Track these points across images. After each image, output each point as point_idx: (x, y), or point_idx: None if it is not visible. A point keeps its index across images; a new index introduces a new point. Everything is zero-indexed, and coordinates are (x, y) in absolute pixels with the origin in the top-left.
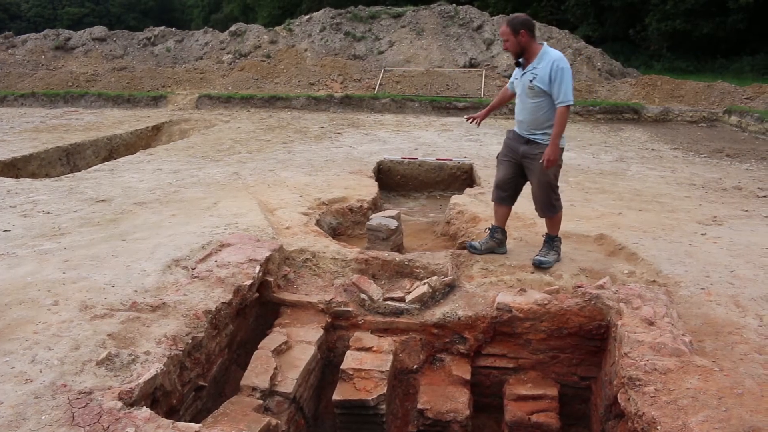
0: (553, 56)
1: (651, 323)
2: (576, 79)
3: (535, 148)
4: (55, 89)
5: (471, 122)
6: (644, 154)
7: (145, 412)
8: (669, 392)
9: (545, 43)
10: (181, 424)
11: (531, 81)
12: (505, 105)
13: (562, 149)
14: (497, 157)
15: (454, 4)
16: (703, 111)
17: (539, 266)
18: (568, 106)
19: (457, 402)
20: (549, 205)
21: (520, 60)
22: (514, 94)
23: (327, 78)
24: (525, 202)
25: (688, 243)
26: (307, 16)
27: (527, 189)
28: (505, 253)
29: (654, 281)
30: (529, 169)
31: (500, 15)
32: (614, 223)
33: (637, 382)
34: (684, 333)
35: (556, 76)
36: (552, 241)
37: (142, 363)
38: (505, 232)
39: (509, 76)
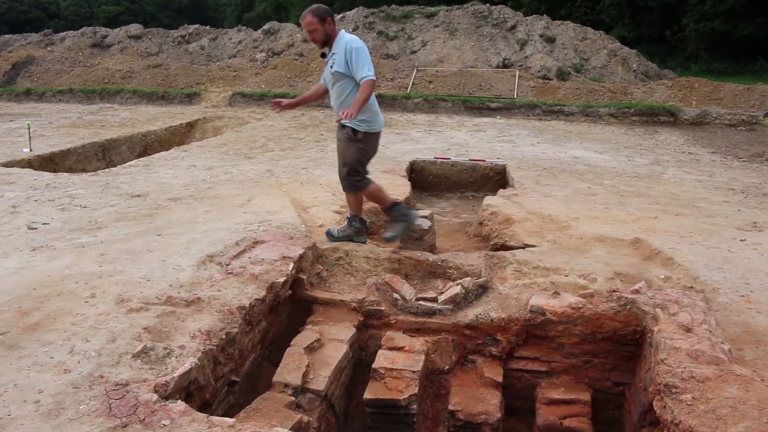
0: (346, 39)
1: (688, 330)
2: (611, 80)
3: (342, 132)
4: (91, 86)
5: (275, 108)
6: (681, 158)
7: (180, 405)
8: (707, 401)
9: (342, 30)
10: (216, 419)
11: (331, 67)
12: (320, 100)
13: (375, 134)
14: None
15: (488, 4)
16: (742, 114)
17: (327, 235)
18: (371, 80)
19: (488, 404)
20: (352, 184)
21: (325, 51)
22: (326, 90)
23: None
24: (558, 205)
25: (727, 249)
26: (340, 15)
27: (561, 190)
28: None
29: (691, 287)
30: (338, 150)
31: (534, 15)
32: (650, 227)
33: (674, 390)
34: (723, 341)
35: (351, 57)
36: (350, 220)
37: (177, 357)
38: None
39: (543, 77)
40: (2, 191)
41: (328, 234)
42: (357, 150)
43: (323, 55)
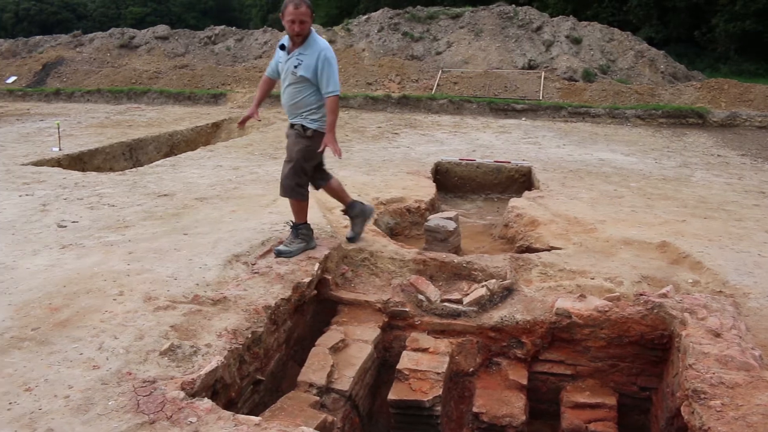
0: (321, 45)
1: (717, 335)
2: (638, 82)
3: (293, 128)
4: (119, 86)
5: (241, 127)
6: (709, 160)
7: (207, 403)
8: (737, 408)
9: (313, 29)
10: (242, 417)
11: (295, 67)
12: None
13: (323, 134)
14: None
15: (513, 5)
16: None
17: (278, 255)
18: (338, 96)
19: (513, 407)
20: (290, 187)
21: (284, 44)
22: (275, 81)
23: (384, 78)
24: (584, 207)
25: (758, 253)
26: (365, 16)
27: (587, 193)
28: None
29: (720, 292)
30: (287, 148)
31: (560, 16)
32: (678, 230)
33: (702, 396)
34: (753, 346)
35: (323, 67)
36: (297, 228)
37: (203, 355)
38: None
39: (569, 78)
40: (33, 190)
41: (278, 253)
42: (304, 147)
43: (282, 47)
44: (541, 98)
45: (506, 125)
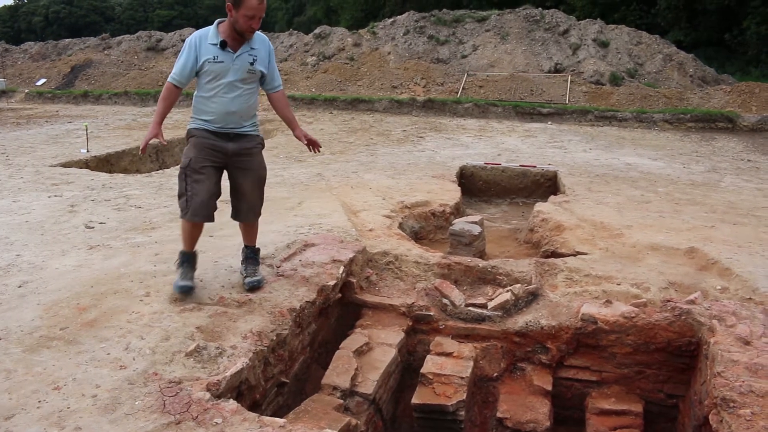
0: (264, 37)
1: (747, 342)
2: (666, 85)
3: (248, 142)
4: (146, 88)
5: (144, 153)
6: (739, 165)
7: (232, 404)
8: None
9: None
10: (267, 419)
11: (251, 63)
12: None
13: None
14: (188, 170)
15: (540, 8)
16: None
17: (258, 286)
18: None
19: (537, 412)
20: (260, 206)
21: (225, 41)
22: (181, 90)
23: (410, 81)
24: (611, 212)
25: None
26: (391, 20)
27: (613, 198)
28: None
29: (750, 299)
30: (243, 169)
31: (587, 19)
32: (706, 236)
33: (732, 404)
34: None
35: (272, 59)
36: (257, 254)
37: (228, 357)
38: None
39: (596, 82)
40: (61, 191)
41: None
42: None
43: (223, 45)
44: (567, 102)
45: (532, 129)
